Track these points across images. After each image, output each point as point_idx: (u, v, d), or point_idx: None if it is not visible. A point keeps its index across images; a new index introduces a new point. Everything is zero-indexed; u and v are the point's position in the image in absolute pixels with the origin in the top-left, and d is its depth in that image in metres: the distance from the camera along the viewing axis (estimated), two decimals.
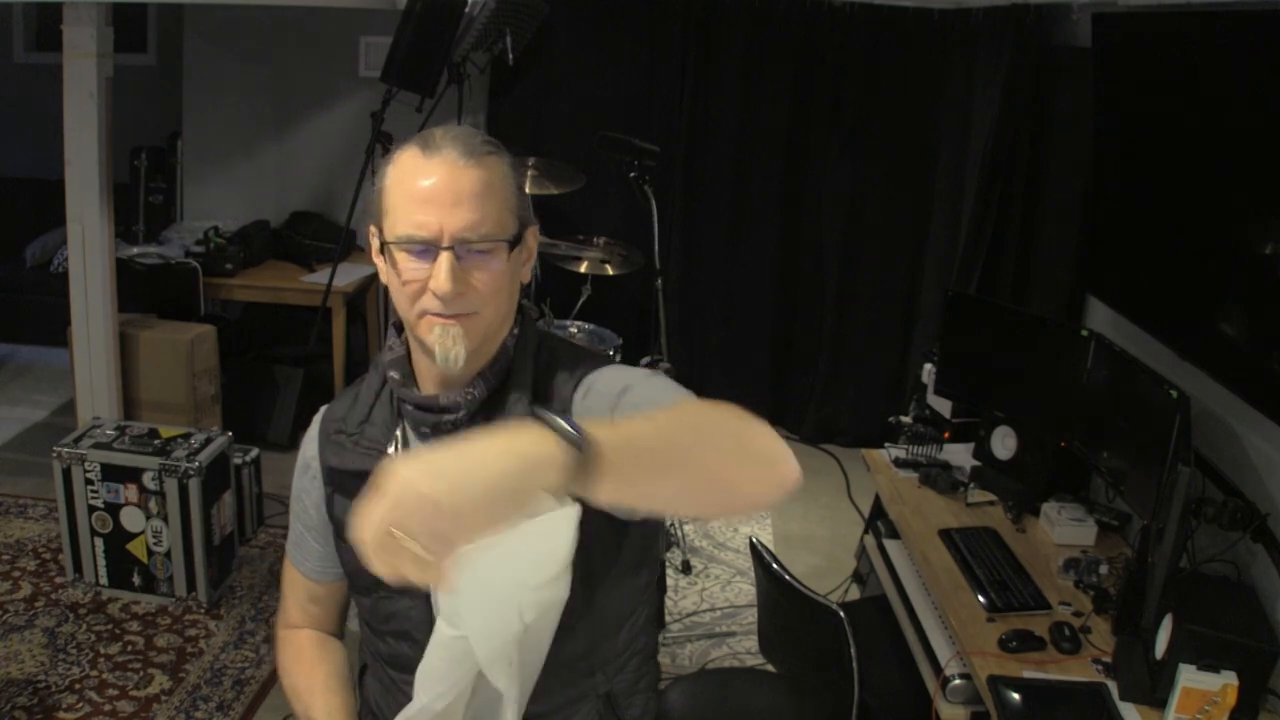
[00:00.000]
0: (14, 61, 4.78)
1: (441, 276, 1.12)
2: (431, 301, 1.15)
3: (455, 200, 1.13)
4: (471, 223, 1.13)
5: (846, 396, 4.22)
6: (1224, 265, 2.18)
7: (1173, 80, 2.37)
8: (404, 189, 1.15)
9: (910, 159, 3.96)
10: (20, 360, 4.59)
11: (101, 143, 3.04)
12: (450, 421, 1.22)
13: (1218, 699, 1.70)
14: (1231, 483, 2.14)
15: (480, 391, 1.22)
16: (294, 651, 1.41)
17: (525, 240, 1.22)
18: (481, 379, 1.22)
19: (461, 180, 1.13)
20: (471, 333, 1.17)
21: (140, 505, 2.82)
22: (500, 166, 1.18)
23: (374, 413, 1.30)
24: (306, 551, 1.39)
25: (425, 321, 1.17)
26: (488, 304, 1.17)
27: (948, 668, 2.06)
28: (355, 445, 1.28)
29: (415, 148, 1.17)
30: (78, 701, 2.48)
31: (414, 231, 1.13)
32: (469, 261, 1.15)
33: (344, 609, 1.46)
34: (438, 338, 1.16)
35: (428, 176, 1.14)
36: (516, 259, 1.20)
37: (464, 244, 1.13)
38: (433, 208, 1.13)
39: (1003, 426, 2.63)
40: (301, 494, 1.37)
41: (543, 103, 4.15)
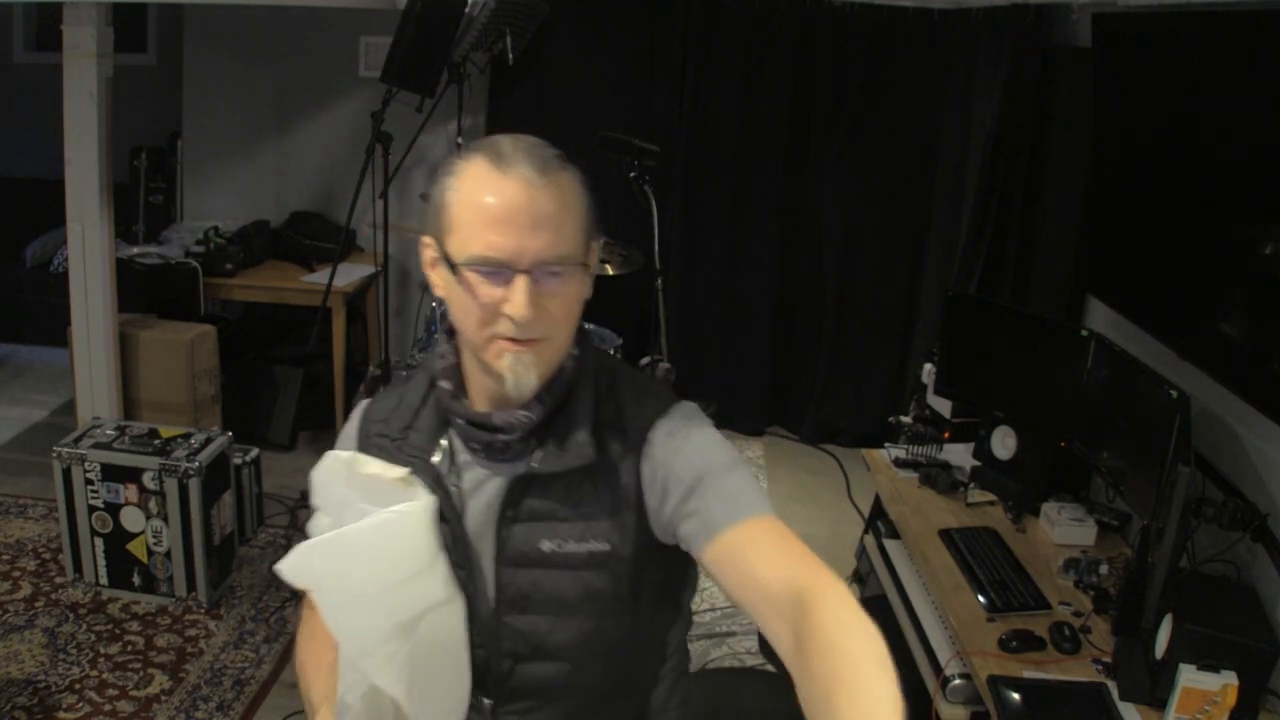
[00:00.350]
0: (14, 61, 4.77)
1: (519, 301, 1.08)
2: (505, 326, 1.10)
3: (533, 222, 1.08)
4: (549, 245, 1.08)
5: (846, 396, 4.22)
6: (1224, 265, 2.18)
7: (1173, 80, 2.37)
8: (475, 206, 1.09)
9: (910, 159, 3.96)
10: (20, 360, 4.59)
11: (101, 143, 3.04)
12: (503, 441, 1.19)
13: (1218, 699, 1.70)
14: (1231, 483, 2.14)
15: (538, 414, 1.18)
16: (310, 630, 1.37)
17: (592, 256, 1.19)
18: (539, 401, 1.18)
19: (539, 200, 1.08)
20: (543, 359, 1.14)
21: (140, 505, 2.82)
22: (573, 182, 1.14)
23: (419, 419, 1.26)
24: None
25: (496, 346, 1.13)
26: (560, 328, 1.14)
27: (948, 668, 2.06)
28: (398, 451, 1.24)
29: (485, 160, 1.10)
30: (78, 701, 2.48)
31: (489, 253, 1.08)
32: (544, 285, 1.10)
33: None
34: (509, 365, 1.12)
35: (501, 194, 1.08)
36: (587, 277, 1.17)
37: (541, 267, 1.09)
38: (510, 229, 1.07)
39: (1003, 426, 2.63)
40: None
41: (543, 103, 4.15)
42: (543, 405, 1.19)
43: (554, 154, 1.14)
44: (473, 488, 1.23)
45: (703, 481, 1.15)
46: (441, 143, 4.27)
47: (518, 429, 1.19)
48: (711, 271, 4.22)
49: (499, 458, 1.22)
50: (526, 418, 1.18)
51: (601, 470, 1.19)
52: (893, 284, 4.10)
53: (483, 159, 1.11)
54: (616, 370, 1.28)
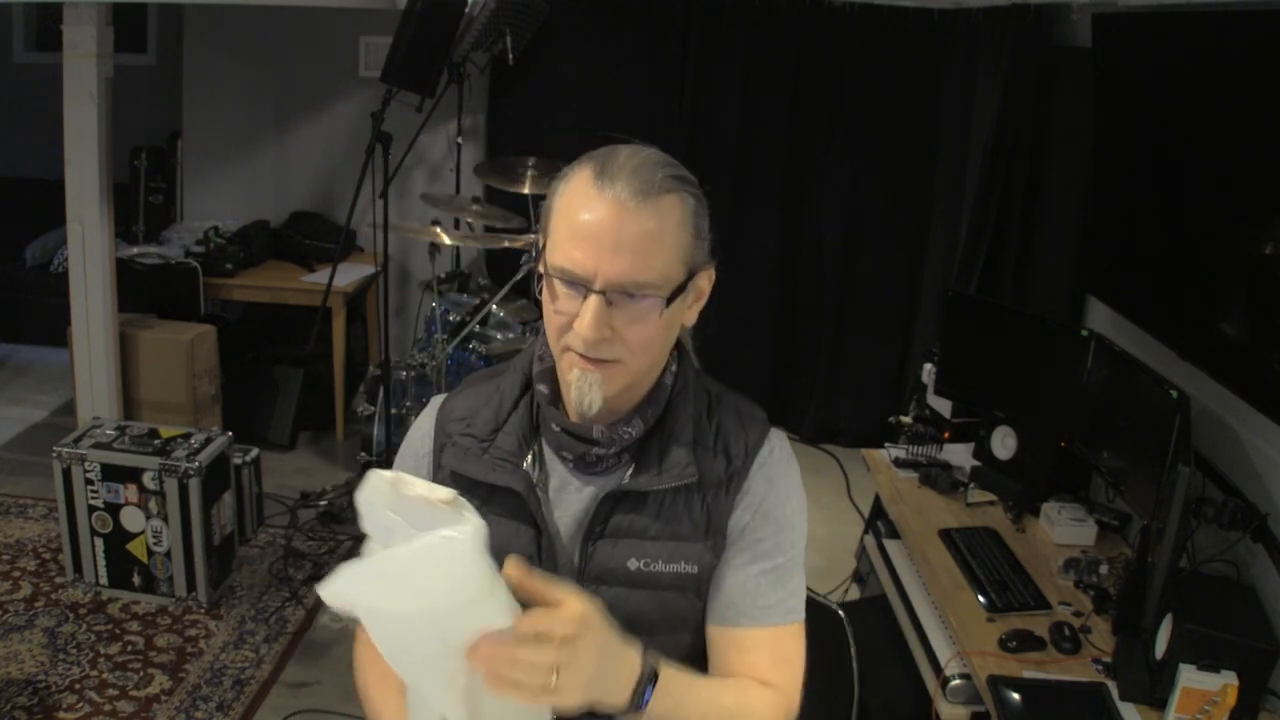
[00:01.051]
0: (14, 61, 4.78)
1: (587, 320, 1.06)
2: (576, 340, 1.09)
3: (615, 245, 1.05)
4: (628, 271, 1.05)
5: (846, 396, 4.22)
6: (1224, 265, 2.18)
7: (1173, 80, 2.37)
8: (568, 217, 1.08)
9: (910, 159, 3.96)
10: (20, 360, 4.59)
11: (101, 143, 3.04)
12: (597, 455, 1.18)
13: (1218, 699, 1.70)
14: (1231, 483, 2.14)
15: (637, 430, 1.17)
16: (372, 652, 1.30)
17: (695, 284, 1.15)
18: (639, 416, 1.17)
19: (628, 224, 1.05)
20: (611, 382, 1.11)
21: (140, 505, 2.82)
22: (678, 207, 1.09)
23: (510, 421, 1.22)
24: None
25: (568, 358, 1.11)
26: (635, 355, 1.11)
27: (948, 668, 2.06)
28: (485, 453, 1.21)
29: (590, 172, 1.08)
30: (78, 701, 2.48)
31: (568, 266, 1.06)
32: (620, 308, 1.08)
33: None
34: (575, 381, 1.11)
35: (593, 211, 1.06)
36: (677, 307, 1.13)
37: (617, 291, 1.07)
38: (591, 246, 1.05)
39: (1003, 426, 2.63)
40: None
41: (543, 102, 4.15)
42: (643, 421, 1.18)
43: (666, 175, 1.09)
44: (557, 497, 1.21)
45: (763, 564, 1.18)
46: (441, 143, 4.27)
47: (617, 445, 1.17)
48: None
49: (590, 470, 1.20)
50: (627, 434, 1.17)
51: (698, 491, 1.18)
52: (893, 284, 4.10)
53: (589, 170, 1.09)
54: (716, 390, 1.27)
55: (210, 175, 4.51)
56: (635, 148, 1.12)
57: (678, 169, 1.12)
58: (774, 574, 1.19)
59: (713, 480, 1.18)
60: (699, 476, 1.16)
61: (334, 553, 3.22)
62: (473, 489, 1.21)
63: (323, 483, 3.61)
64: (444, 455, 1.24)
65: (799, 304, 4.25)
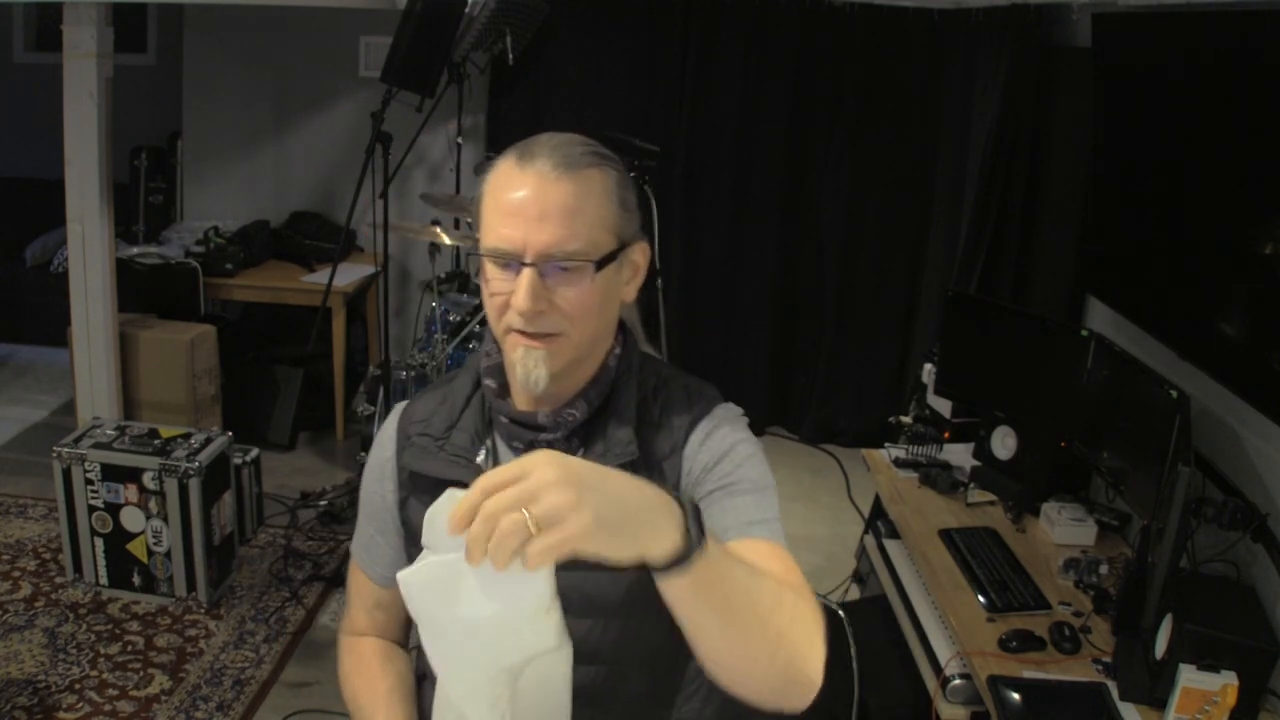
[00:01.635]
0: (14, 61, 4.78)
1: (521, 293, 1.08)
2: (515, 318, 1.11)
3: (541, 215, 1.08)
4: (557, 239, 1.08)
5: (846, 396, 4.22)
6: (1224, 265, 2.18)
7: (1173, 80, 2.37)
8: (495, 200, 1.11)
9: (910, 159, 3.96)
10: (20, 360, 4.59)
11: (101, 143, 3.04)
12: (546, 441, 1.19)
13: (1218, 699, 1.70)
14: (1231, 483, 2.14)
15: (581, 413, 1.18)
16: (356, 660, 1.35)
17: (628, 257, 1.17)
18: (584, 399, 1.18)
19: (551, 194, 1.08)
20: (556, 355, 1.13)
21: (140, 505, 2.82)
22: (601, 179, 1.12)
23: (463, 418, 1.25)
24: (375, 556, 1.33)
25: (510, 339, 1.13)
26: (574, 325, 1.12)
27: (948, 668, 2.06)
28: (440, 451, 1.23)
29: (512, 157, 1.12)
30: (78, 701, 2.48)
31: (498, 244, 1.10)
32: (554, 279, 1.10)
33: (409, 619, 1.38)
34: (520, 358, 1.12)
35: (518, 189, 1.09)
36: (612, 277, 1.15)
37: (548, 260, 1.09)
38: (519, 221, 1.09)
39: (1003, 426, 2.63)
40: (374, 495, 1.31)
41: (543, 103, 4.15)
42: (588, 404, 1.19)
43: (586, 151, 1.13)
44: None
45: (724, 492, 1.15)
46: (441, 143, 4.27)
47: (562, 428, 1.18)
48: (711, 271, 4.22)
49: None
50: (571, 416, 1.18)
51: (644, 469, 1.18)
52: (893, 284, 4.10)
53: (511, 156, 1.13)
54: (664, 371, 1.27)
55: (210, 175, 4.51)
56: (555, 133, 1.16)
57: (598, 147, 1.15)
58: (752, 495, 1.16)
59: (659, 456, 1.19)
60: (640, 454, 1.17)
61: (334, 553, 3.22)
62: (434, 488, 1.21)
63: (323, 483, 3.61)
64: (403, 456, 1.26)
65: (799, 304, 4.25)
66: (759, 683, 0.97)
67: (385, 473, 1.29)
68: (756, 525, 1.14)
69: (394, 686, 1.30)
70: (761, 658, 0.96)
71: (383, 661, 1.34)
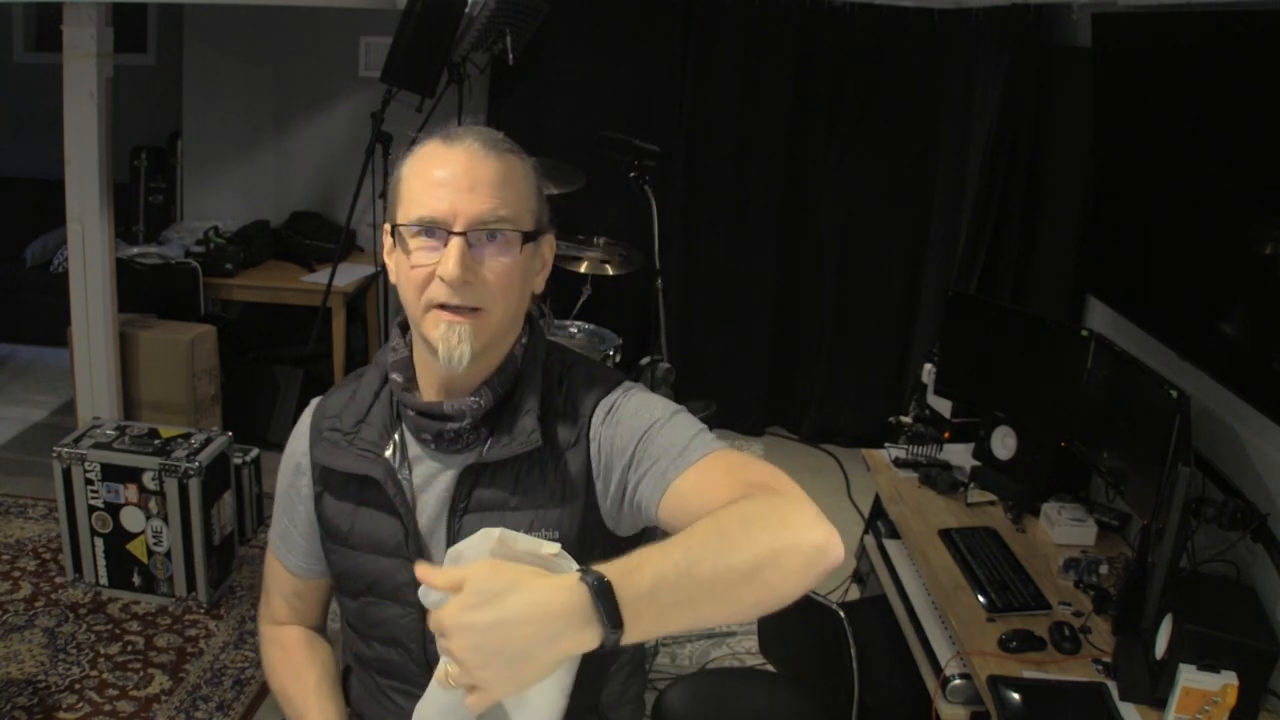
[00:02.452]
0: (14, 61, 4.77)
1: (451, 261, 1.09)
2: (439, 291, 1.11)
3: (472, 185, 1.11)
4: (488, 208, 1.11)
5: (846, 396, 4.22)
6: (1224, 265, 2.18)
7: (1173, 80, 2.37)
8: (421, 176, 1.14)
9: (910, 159, 3.96)
10: (20, 360, 4.59)
11: (101, 143, 3.03)
12: (453, 430, 1.20)
13: (1218, 699, 1.70)
14: (1231, 483, 2.14)
15: (486, 400, 1.19)
16: (281, 652, 1.37)
17: (540, 245, 1.20)
18: (488, 387, 1.19)
19: (480, 167, 1.12)
20: (479, 332, 1.13)
21: (140, 505, 2.82)
22: (520, 165, 1.17)
23: (371, 413, 1.26)
24: (291, 546, 1.35)
25: (432, 316, 1.13)
26: (496, 301, 1.14)
27: (948, 668, 2.06)
28: (350, 445, 1.24)
29: (436, 139, 1.16)
30: (78, 701, 2.48)
31: (426, 213, 1.11)
32: (481, 251, 1.12)
33: (327, 604, 1.42)
34: (443, 335, 1.12)
35: (446, 164, 1.12)
36: (529, 259, 1.17)
37: (478, 227, 1.11)
38: (448, 191, 1.11)
39: (1003, 426, 2.63)
40: (289, 489, 1.34)
41: (543, 103, 4.15)
42: (492, 392, 1.19)
43: (504, 138, 1.18)
44: (425, 482, 1.23)
45: (642, 442, 1.14)
46: None
47: (467, 416, 1.19)
48: (711, 271, 4.22)
49: (450, 448, 1.21)
50: (475, 404, 1.18)
51: (550, 457, 1.19)
52: (893, 284, 4.09)
53: (436, 139, 1.16)
54: (569, 359, 1.28)
55: (210, 175, 4.51)
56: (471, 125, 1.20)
57: (515, 144, 1.19)
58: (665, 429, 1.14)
59: (563, 444, 1.20)
60: (543, 441, 1.18)
61: None
62: (345, 482, 1.25)
63: None
64: (315, 451, 1.28)
65: (799, 304, 4.25)
66: (776, 600, 0.95)
67: (299, 467, 1.32)
68: (686, 452, 1.11)
69: (321, 678, 1.33)
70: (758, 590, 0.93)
71: (308, 651, 1.37)
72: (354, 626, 1.30)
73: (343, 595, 1.31)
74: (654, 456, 1.13)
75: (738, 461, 1.10)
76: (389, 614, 1.23)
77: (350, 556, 1.25)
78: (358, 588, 1.26)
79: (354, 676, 1.35)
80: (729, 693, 1.95)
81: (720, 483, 1.06)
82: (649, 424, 1.15)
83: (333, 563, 1.30)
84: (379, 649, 1.27)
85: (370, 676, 1.30)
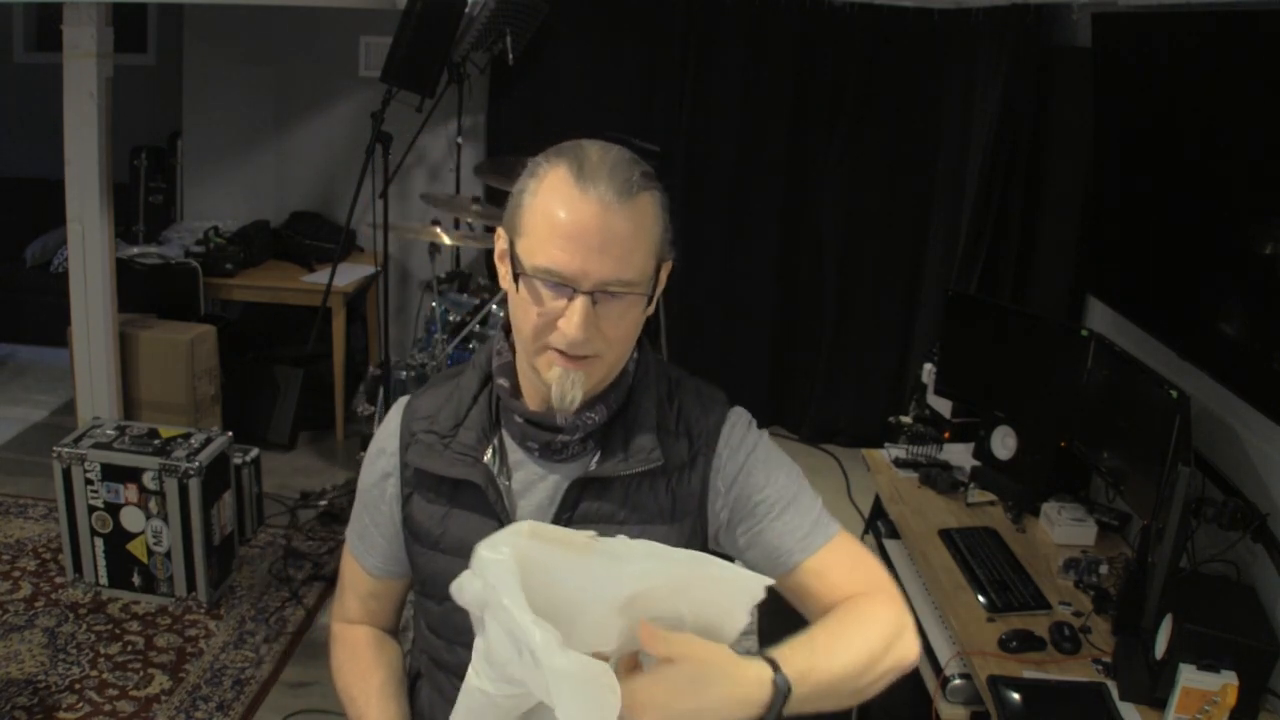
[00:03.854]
0: (14, 61, 4.77)
1: (575, 321, 1.07)
2: (559, 339, 1.10)
3: (603, 246, 1.06)
4: (615, 271, 1.07)
5: (846, 396, 4.22)
6: (1224, 265, 2.18)
7: (1173, 80, 2.37)
8: (549, 217, 1.08)
9: (910, 158, 3.96)
10: (20, 360, 4.59)
11: (101, 143, 3.04)
12: (562, 442, 1.19)
13: (1218, 699, 1.70)
14: (1231, 483, 2.13)
15: (600, 416, 1.19)
16: (350, 651, 1.35)
17: (659, 277, 1.17)
18: (603, 403, 1.19)
19: (613, 224, 1.07)
20: (592, 376, 1.13)
21: (140, 505, 2.82)
22: (652, 205, 1.12)
23: (470, 416, 1.24)
24: (371, 546, 1.33)
25: (547, 357, 1.12)
26: (613, 348, 1.13)
27: (948, 668, 2.06)
28: (446, 449, 1.22)
29: (568, 172, 1.08)
30: (78, 701, 2.48)
31: (554, 267, 1.07)
32: (604, 307, 1.09)
33: (402, 606, 1.40)
34: (557, 378, 1.12)
35: (576, 212, 1.06)
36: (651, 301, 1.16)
37: (604, 290, 1.08)
38: (578, 247, 1.06)
39: (1003, 426, 2.63)
40: (373, 488, 1.31)
41: (543, 103, 4.15)
42: (607, 408, 1.19)
43: (639, 173, 1.11)
44: (524, 488, 1.22)
45: (774, 510, 1.19)
46: (441, 143, 4.28)
47: (581, 430, 1.19)
48: (711, 271, 4.22)
49: (555, 458, 1.21)
50: (590, 419, 1.18)
51: (662, 474, 1.19)
52: (893, 284, 4.10)
53: (566, 169, 1.09)
54: (676, 375, 1.28)
55: (210, 175, 4.51)
56: (603, 145, 1.14)
57: (645, 166, 1.15)
58: (793, 508, 1.21)
59: (677, 463, 1.20)
60: (664, 460, 1.18)
61: (334, 553, 3.22)
62: (438, 485, 1.24)
63: (323, 483, 3.61)
64: (408, 453, 1.26)
65: (799, 304, 4.25)
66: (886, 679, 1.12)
67: (386, 466, 1.29)
68: (810, 535, 1.19)
69: (386, 680, 1.31)
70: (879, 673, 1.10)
71: (375, 653, 1.34)
72: (436, 630, 1.28)
73: (426, 599, 1.29)
74: (779, 532, 1.19)
75: (856, 555, 1.21)
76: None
77: (439, 560, 1.24)
78: (444, 592, 1.22)
79: (425, 682, 1.33)
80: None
81: (843, 580, 1.18)
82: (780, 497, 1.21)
83: (419, 566, 1.28)
84: (461, 653, 1.24)
85: (449, 680, 1.27)
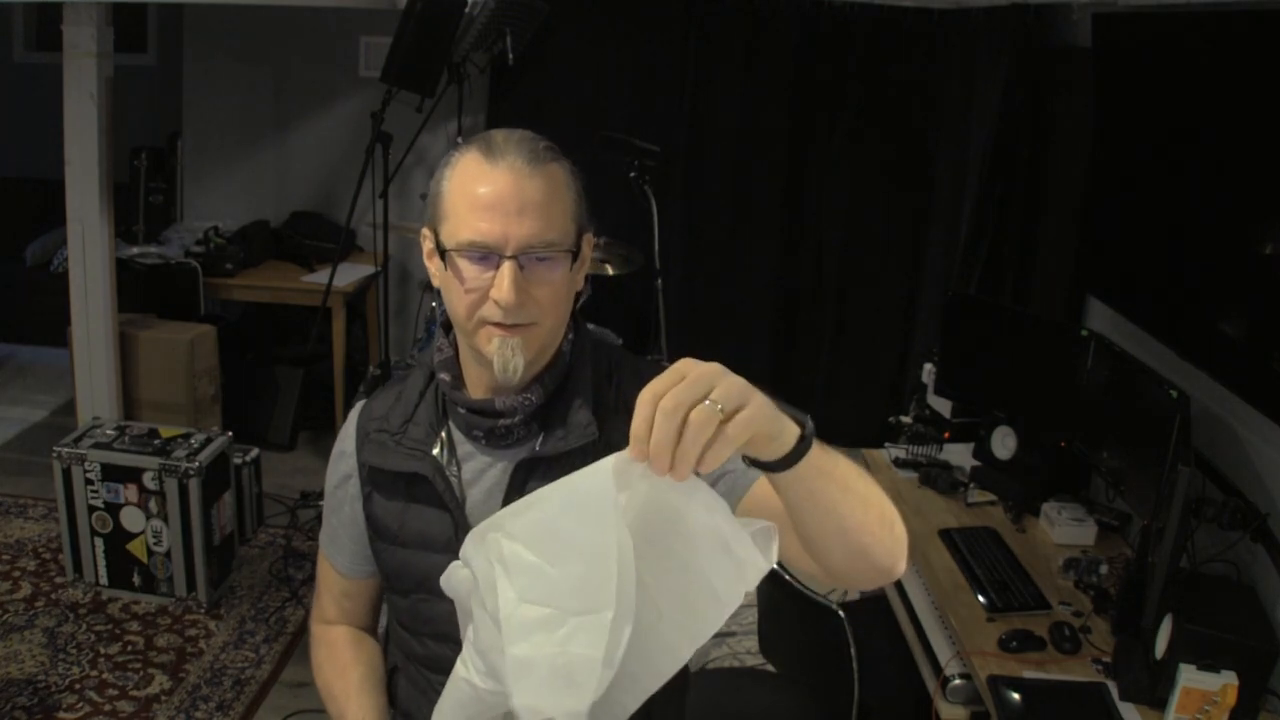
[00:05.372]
0: (14, 61, 4.78)
1: (505, 286, 1.11)
2: (492, 310, 1.13)
3: (520, 208, 1.11)
4: (536, 231, 1.12)
5: (846, 396, 4.22)
6: (1224, 265, 2.18)
7: (1173, 80, 2.37)
8: (466, 195, 1.13)
9: (910, 159, 3.95)
10: (20, 360, 4.59)
11: (101, 143, 3.04)
12: (505, 426, 1.22)
13: (1218, 699, 1.70)
14: (1231, 483, 2.14)
15: (538, 397, 1.21)
16: (328, 650, 1.39)
17: (582, 248, 1.20)
18: (539, 384, 1.21)
19: (526, 188, 1.12)
20: (530, 344, 1.16)
21: (140, 505, 2.82)
22: (562, 173, 1.17)
23: (418, 413, 1.28)
24: (340, 547, 1.38)
25: (484, 332, 1.16)
26: (547, 314, 1.16)
27: (948, 668, 2.06)
28: (398, 445, 1.27)
29: (477, 152, 1.15)
30: (78, 701, 2.48)
31: (476, 238, 1.12)
32: (531, 271, 1.13)
33: (378, 604, 1.45)
34: (496, 349, 1.15)
35: (491, 183, 1.12)
36: (575, 268, 1.19)
37: (528, 253, 1.12)
38: (497, 215, 1.11)
39: (1003, 426, 2.63)
40: (336, 490, 1.37)
41: (543, 103, 4.15)
42: (543, 388, 1.21)
43: (546, 145, 1.17)
44: (473, 477, 1.25)
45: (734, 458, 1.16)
46: (441, 143, 4.27)
47: (520, 412, 1.21)
48: (711, 271, 4.21)
49: (501, 444, 1.24)
50: (528, 400, 1.21)
51: (605, 450, 1.19)
52: (893, 284, 4.09)
53: (475, 150, 1.15)
54: (615, 354, 1.30)
55: (210, 175, 4.51)
56: (507, 129, 1.19)
57: (549, 142, 1.19)
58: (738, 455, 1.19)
59: (618, 438, 1.18)
60: (599, 435, 1.20)
61: None
62: (394, 481, 1.27)
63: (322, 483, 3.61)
64: (363, 452, 1.31)
65: (799, 304, 4.25)
66: (878, 546, 1.01)
67: (346, 468, 1.34)
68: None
69: (365, 675, 1.35)
70: (875, 520, 1.00)
71: (353, 651, 1.38)
72: (405, 624, 1.32)
73: (393, 594, 1.33)
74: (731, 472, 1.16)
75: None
76: (440, 610, 1.24)
77: (400, 554, 1.28)
78: (408, 585, 1.28)
79: (401, 676, 1.36)
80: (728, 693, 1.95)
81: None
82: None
83: (383, 561, 1.31)
84: (430, 645, 1.28)
85: (421, 674, 1.31)
